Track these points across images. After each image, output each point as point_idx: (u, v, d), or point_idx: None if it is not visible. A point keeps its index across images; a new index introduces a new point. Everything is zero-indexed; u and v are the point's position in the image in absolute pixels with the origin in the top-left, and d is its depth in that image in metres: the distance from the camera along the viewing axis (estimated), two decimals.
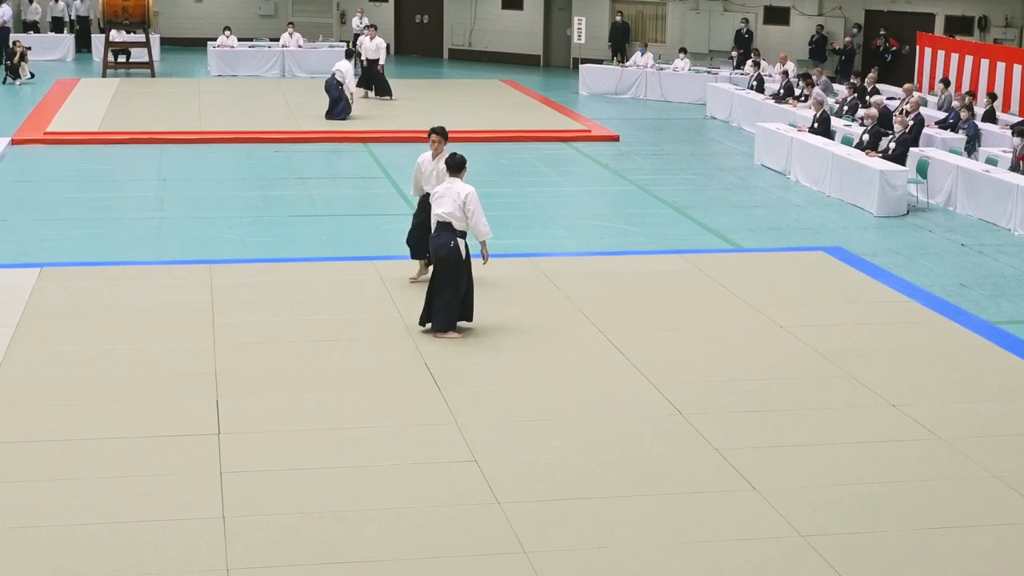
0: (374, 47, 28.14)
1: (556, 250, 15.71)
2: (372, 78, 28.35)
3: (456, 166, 11.91)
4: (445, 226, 11.66)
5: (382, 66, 28.34)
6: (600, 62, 33.21)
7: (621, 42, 35.24)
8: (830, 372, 11.14)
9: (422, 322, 11.93)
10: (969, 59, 26.75)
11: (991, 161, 19.18)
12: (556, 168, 21.66)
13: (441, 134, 12.94)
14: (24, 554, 7.57)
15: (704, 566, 7.66)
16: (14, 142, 22.25)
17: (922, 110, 22.04)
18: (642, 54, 32.05)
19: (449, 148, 12.75)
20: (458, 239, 11.67)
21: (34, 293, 12.81)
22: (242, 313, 12.37)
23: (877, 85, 25.98)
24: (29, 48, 31.82)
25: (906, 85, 24.02)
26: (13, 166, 20.55)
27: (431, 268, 11.99)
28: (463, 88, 30.37)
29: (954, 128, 21.88)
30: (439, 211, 11.70)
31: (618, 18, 35.78)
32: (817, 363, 11.37)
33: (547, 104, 29.00)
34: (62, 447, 9.13)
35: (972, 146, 20.94)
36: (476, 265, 12.07)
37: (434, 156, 12.94)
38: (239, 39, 34.46)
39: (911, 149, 19.57)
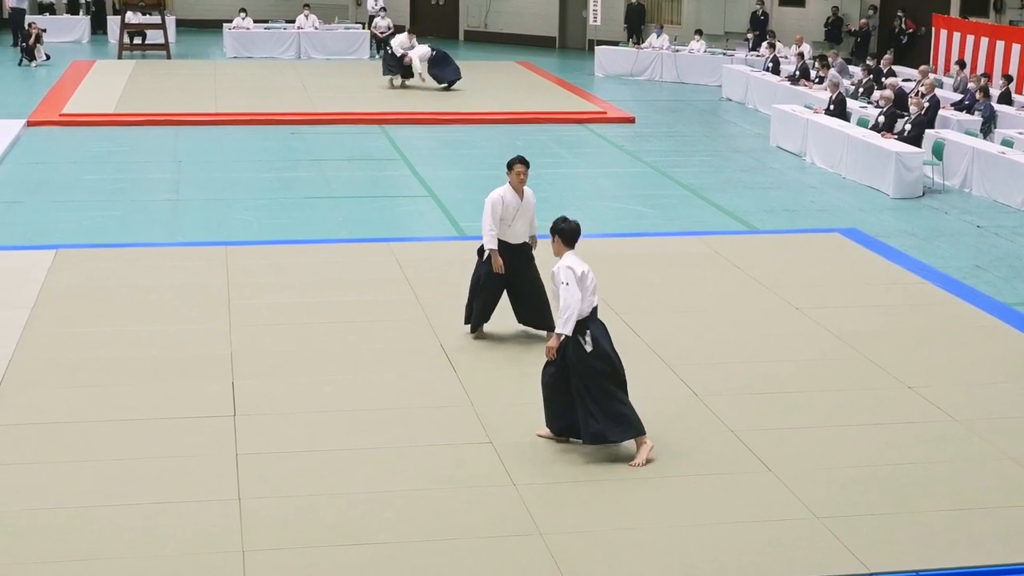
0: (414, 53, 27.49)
1: None
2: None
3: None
4: None
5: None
6: (616, 44, 33.12)
7: (637, 24, 35.16)
8: (846, 354, 11.12)
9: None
10: (985, 41, 26.61)
11: (1007, 143, 19.09)
12: (572, 150, 21.62)
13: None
14: (40, 536, 7.61)
15: (719, 548, 7.66)
16: (30, 124, 22.30)
17: (937, 92, 21.94)
18: (658, 36, 31.96)
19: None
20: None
21: (50, 275, 12.84)
22: (258, 295, 12.39)
23: (893, 67, 25.86)
24: (44, 30, 31.89)
25: (922, 67, 23.91)
26: (29, 148, 20.58)
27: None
28: (479, 70, 30.28)
29: (970, 110, 21.78)
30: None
31: (634, 0, 35.66)
32: (833, 345, 11.35)
33: (563, 86, 28.93)
34: (78, 429, 9.16)
35: (988, 128, 20.84)
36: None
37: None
38: (255, 21, 34.43)
39: (927, 131, 19.49)
